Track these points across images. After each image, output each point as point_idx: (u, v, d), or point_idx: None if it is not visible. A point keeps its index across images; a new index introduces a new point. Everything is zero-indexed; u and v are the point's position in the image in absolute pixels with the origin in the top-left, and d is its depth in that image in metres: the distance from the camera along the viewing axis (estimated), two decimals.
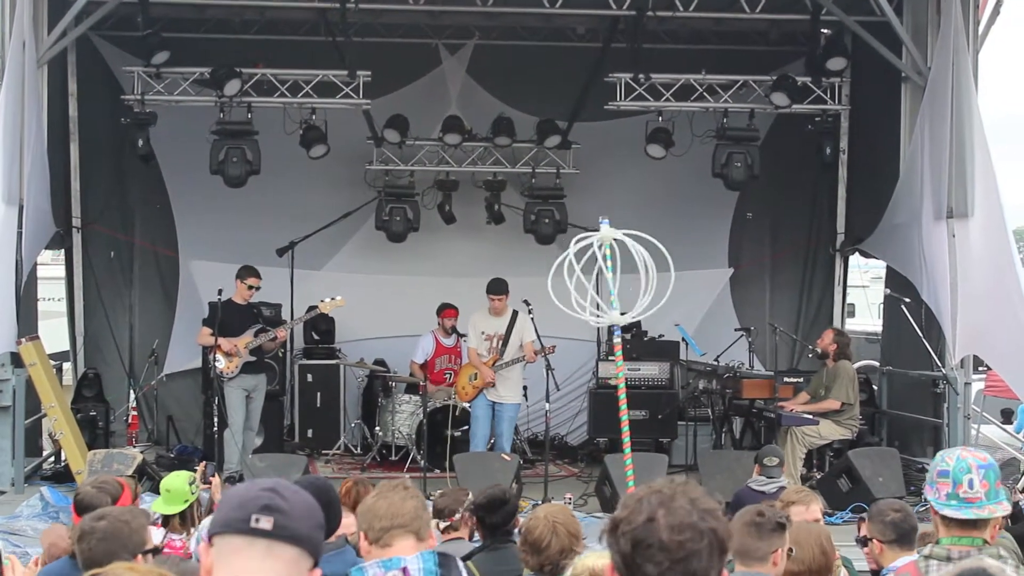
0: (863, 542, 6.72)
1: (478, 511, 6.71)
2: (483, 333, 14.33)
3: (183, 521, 7.61)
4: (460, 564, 4.54)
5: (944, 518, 4.73)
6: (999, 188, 13.54)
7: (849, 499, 12.31)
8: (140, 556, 5.01)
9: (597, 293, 8.90)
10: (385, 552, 4.38)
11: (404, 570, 4.35)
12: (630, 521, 2.72)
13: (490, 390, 14.23)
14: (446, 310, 15.69)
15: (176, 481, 7.84)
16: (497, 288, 14.22)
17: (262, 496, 2.73)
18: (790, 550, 5.16)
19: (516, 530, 6.54)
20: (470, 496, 6.95)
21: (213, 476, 9.31)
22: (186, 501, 7.72)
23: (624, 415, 9.30)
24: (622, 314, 9.05)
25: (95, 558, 4.76)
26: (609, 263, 8.71)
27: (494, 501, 6.71)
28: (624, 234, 8.72)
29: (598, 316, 9.03)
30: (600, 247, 8.70)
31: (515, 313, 14.25)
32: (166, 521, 7.64)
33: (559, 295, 8.91)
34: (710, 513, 2.73)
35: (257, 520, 2.68)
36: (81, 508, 5.97)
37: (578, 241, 8.83)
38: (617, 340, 9.34)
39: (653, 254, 8.77)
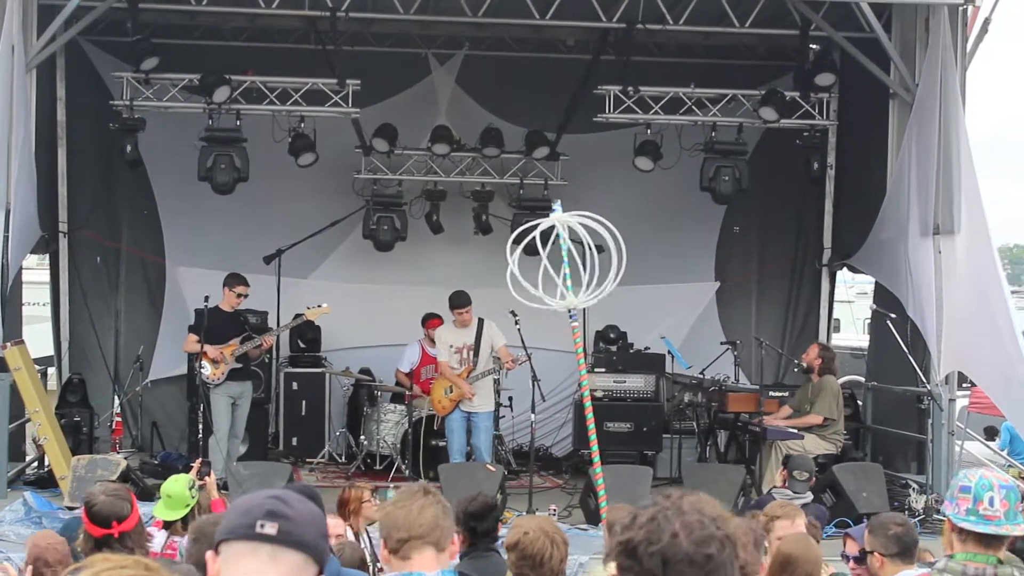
0: (853, 558, 6.73)
1: (469, 520, 6.71)
2: (451, 346, 14.30)
3: (185, 524, 7.59)
4: None
5: (961, 531, 4.75)
6: (983, 206, 13.60)
7: (833, 514, 12.29)
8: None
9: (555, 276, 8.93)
10: (405, 565, 4.33)
11: None
12: (651, 541, 2.72)
13: (464, 401, 14.20)
14: (431, 320, 15.70)
15: (176, 486, 7.84)
16: (460, 301, 14.21)
17: (267, 503, 2.75)
18: None
19: (499, 541, 6.54)
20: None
21: (208, 475, 9.29)
22: (187, 506, 7.73)
23: (591, 424, 9.30)
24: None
25: None
26: (564, 243, 8.78)
27: (485, 509, 6.72)
28: (575, 215, 8.77)
29: (556, 301, 9.02)
30: (552, 232, 8.76)
31: (481, 321, 14.25)
32: (167, 524, 7.64)
33: (518, 289, 8.99)
34: (720, 520, 2.75)
35: (262, 526, 2.71)
36: (98, 518, 5.93)
37: (523, 234, 8.91)
38: (574, 324, 9.33)
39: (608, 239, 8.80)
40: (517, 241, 9.33)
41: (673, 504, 2.77)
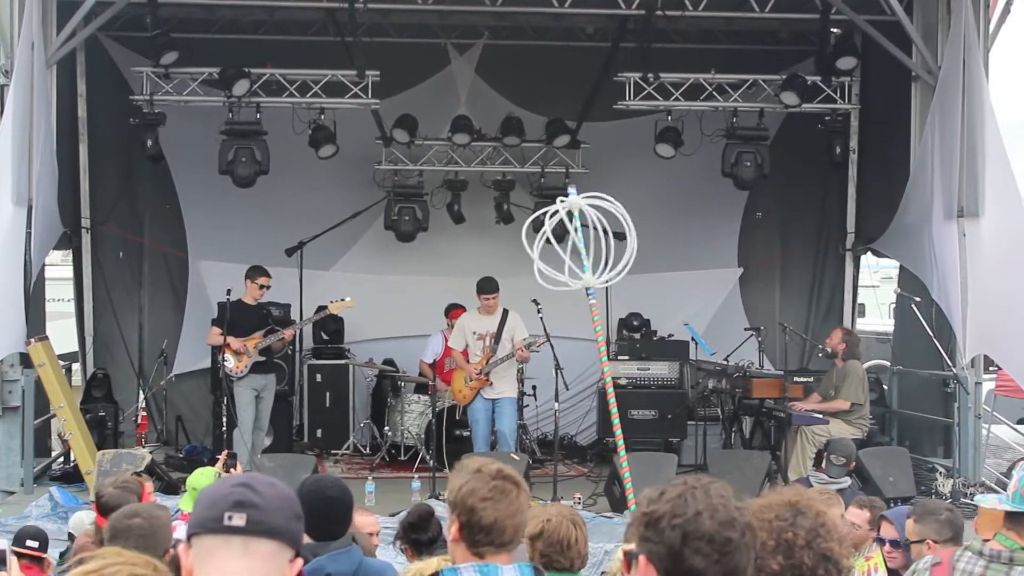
0: (890, 541, 6.68)
1: (409, 532, 6.74)
2: (475, 333, 14.28)
3: None
4: None
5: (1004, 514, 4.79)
6: (1017, 186, 13.50)
7: None
8: (169, 551, 5.00)
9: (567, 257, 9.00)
10: (476, 558, 4.20)
11: None
12: (676, 515, 2.79)
13: (486, 388, 14.18)
14: (454, 310, 15.69)
15: (202, 479, 7.86)
16: (489, 287, 14.17)
17: (233, 493, 2.71)
18: None
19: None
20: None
21: (235, 467, 9.30)
22: None
23: (614, 408, 9.31)
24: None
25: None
26: (578, 224, 8.87)
27: (421, 519, 6.78)
28: (587, 197, 8.87)
29: (573, 280, 9.06)
30: (567, 213, 8.84)
31: (505, 312, 14.22)
32: None
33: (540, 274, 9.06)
34: (741, 509, 2.82)
35: (230, 518, 2.67)
36: (106, 509, 5.94)
37: (546, 213, 8.97)
38: (592, 302, 9.33)
39: (616, 223, 8.87)
40: (536, 227, 9.33)
41: (701, 486, 2.84)
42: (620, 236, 8.85)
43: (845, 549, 3.78)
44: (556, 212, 8.93)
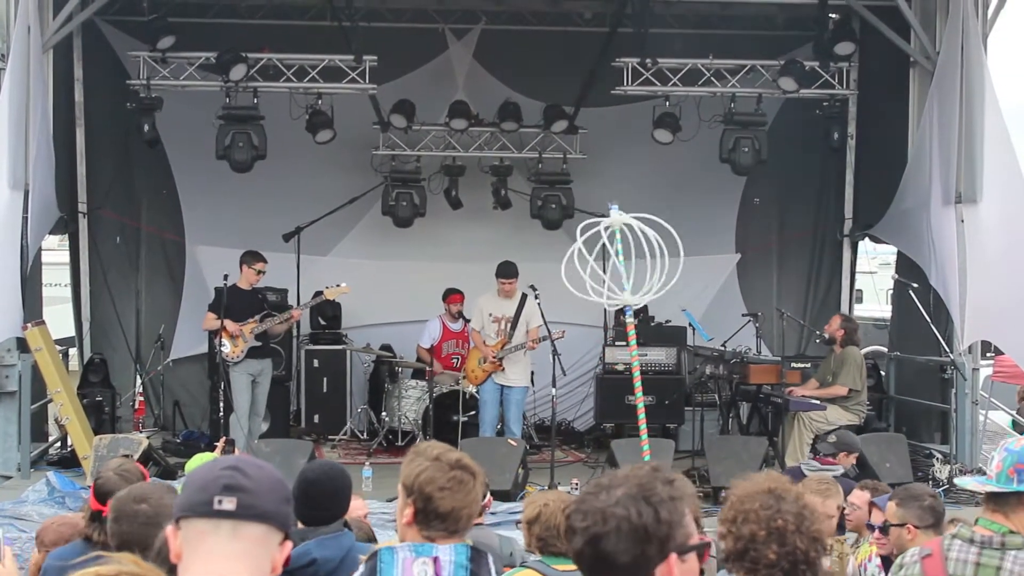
0: (879, 527, 6.68)
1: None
2: (491, 315, 14.34)
3: None
4: (491, 561, 4.44)
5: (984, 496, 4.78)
6: (1022, 171, 13.46)
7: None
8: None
9: (606, 275, 8.97)
10: (422, 539, 4.28)
11: (435, 560, 4.26)
12: (582, 499, 2.90)
13: (499, 373, 14.22)
14: (452, 295, 15.71)
15: (199, 462, 7.82)
16: (508, 271, 14.21)
17: (223, 476, 2.70)
18: None
19: (516, 522, 6.54)
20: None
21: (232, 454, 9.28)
22: None
23: (640, 401, 9.31)
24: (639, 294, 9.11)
25: (133, 540, 4.70)
26: (620, 247, 8.81)
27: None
28: (634, 217, 8.81)
29: (611, 298, 9.07)
30: (607, 231, 8.79)
31: (524, 297, 14.27)
32: None
33: (572, 282, 9.02)
34: (634, 500, 2.82)
35: (220, 502, 2.67)
36: (103, 495, 5.91)
37: (586, 229, 8.90)
38: (630, 320, 9.34)
39: (664, 237, 8.83)
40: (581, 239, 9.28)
41: (621, 473, 2.93)
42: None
43: (826, 527, 3.82)
44: (605, 226, 8.87)
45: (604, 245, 8.76)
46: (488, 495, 5.98)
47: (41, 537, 6.51)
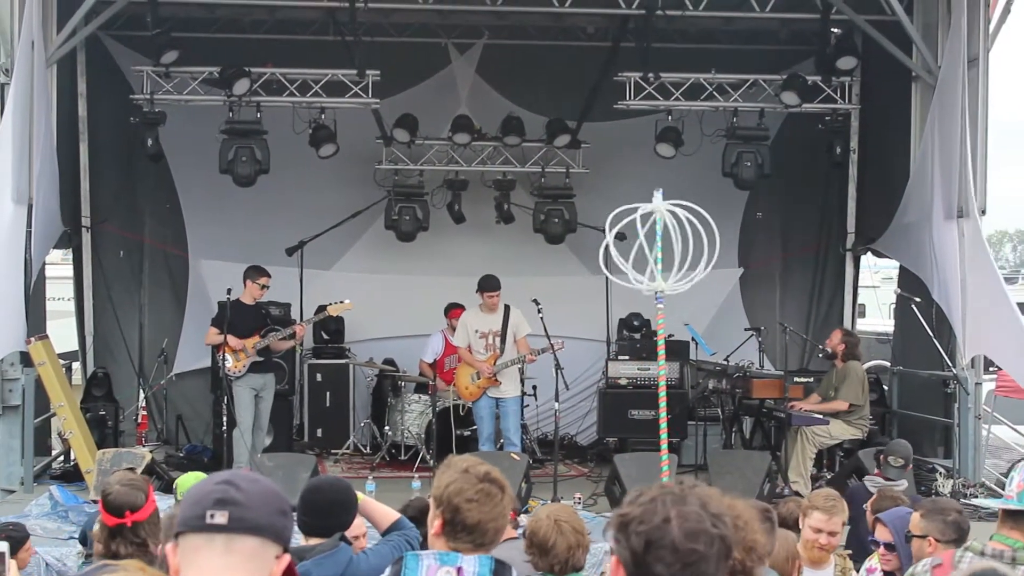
0: (884, 544, 6.66)
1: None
2: (477, 331, 14.26)
3: None
4: (514, 575, 4.44)
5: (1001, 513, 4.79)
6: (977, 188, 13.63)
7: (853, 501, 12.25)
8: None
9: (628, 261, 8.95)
10: (448, 548, 4.29)
11: (459, 570, 4.27)
12: (643, 520, 2.70)
13: (492, 387, 14.19)
14: (453, 310, 15.72)
15: (192, 481, 7.81)
16: (491, 285, 14.14)
17: (216, 490, 2.71)
18: None
19: (520, 532, 6.53)
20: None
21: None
22: None
23: (662, 410, 9.28)
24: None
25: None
26: (659, 233, 8.85)
27: (422, 512, 6.75)
28: (676, 204, 8.87)
29: (647, 284, 9.04)
30: (647, 217, 8.81)
31: (507, 308, 14.21)
32: None
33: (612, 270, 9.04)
34: (719, 518, 2.71)
35: (212, 516, 2.67)
36: (112, 508, 5.92)
37: (621, 216, 8.90)
38: (660, 307, 9.29)
39: (704, 227, 8.89)
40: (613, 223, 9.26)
41: (678, 492, 2.75)
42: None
43: (763, 537, 3.84)
44: (642, 212, 8.85)
45: (641, 235, 8.73)
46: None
47: None
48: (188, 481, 7.87)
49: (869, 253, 17.37)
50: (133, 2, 14.41)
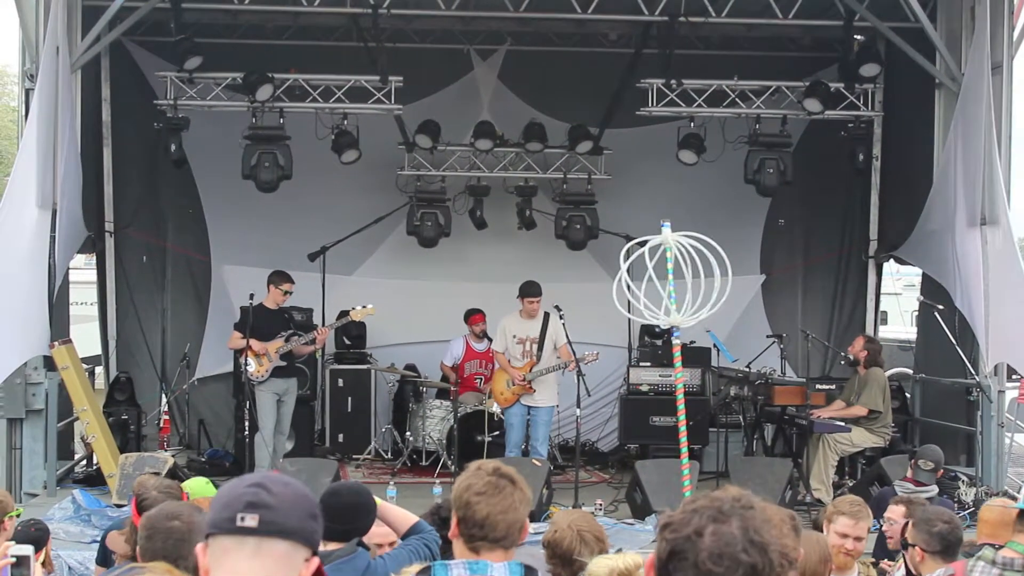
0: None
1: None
2: (515, 337, 14.26)
3: None
4: None
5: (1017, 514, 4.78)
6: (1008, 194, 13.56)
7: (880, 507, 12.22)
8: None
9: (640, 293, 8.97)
10: (471, 555, 4.26)
11: None
12: (676, 528, 2.60)
13: (527, 394, 14.17)
14: (473, 316, 15.73)
15: (199, 486, 7.83)
16: (533, 290, 14.13)
17: (247, 493, 2.71)
18: None
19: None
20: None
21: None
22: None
23: (682, 425, 9.30)
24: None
25: (165, 557, 4.71)
26: (669, 265, 8.85)
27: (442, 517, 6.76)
28: (685, 235, 8.87)
29: (660, 318, 9.06)
30: (656, 250, 8.81)
31: (547, 315, 14.17)
32: None
33: (623, 303, 9.07)
34: (757, 547, 2.56)
35: (243, 519, 2.68)
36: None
37: (633, 250, 8.91)
38: (676, 342, 9.35)
39: (715, 256, 8.90)
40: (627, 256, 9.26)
41: (725, 508, 2.62)
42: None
43: (793, 541, 3.80)
44: (652, 244, 8.87)
45: (650, 268, 8.73)
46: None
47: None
48: (196, 486, 7.88)
49: (891, 260, 17.33)
50: (157, 8, 14.46)
